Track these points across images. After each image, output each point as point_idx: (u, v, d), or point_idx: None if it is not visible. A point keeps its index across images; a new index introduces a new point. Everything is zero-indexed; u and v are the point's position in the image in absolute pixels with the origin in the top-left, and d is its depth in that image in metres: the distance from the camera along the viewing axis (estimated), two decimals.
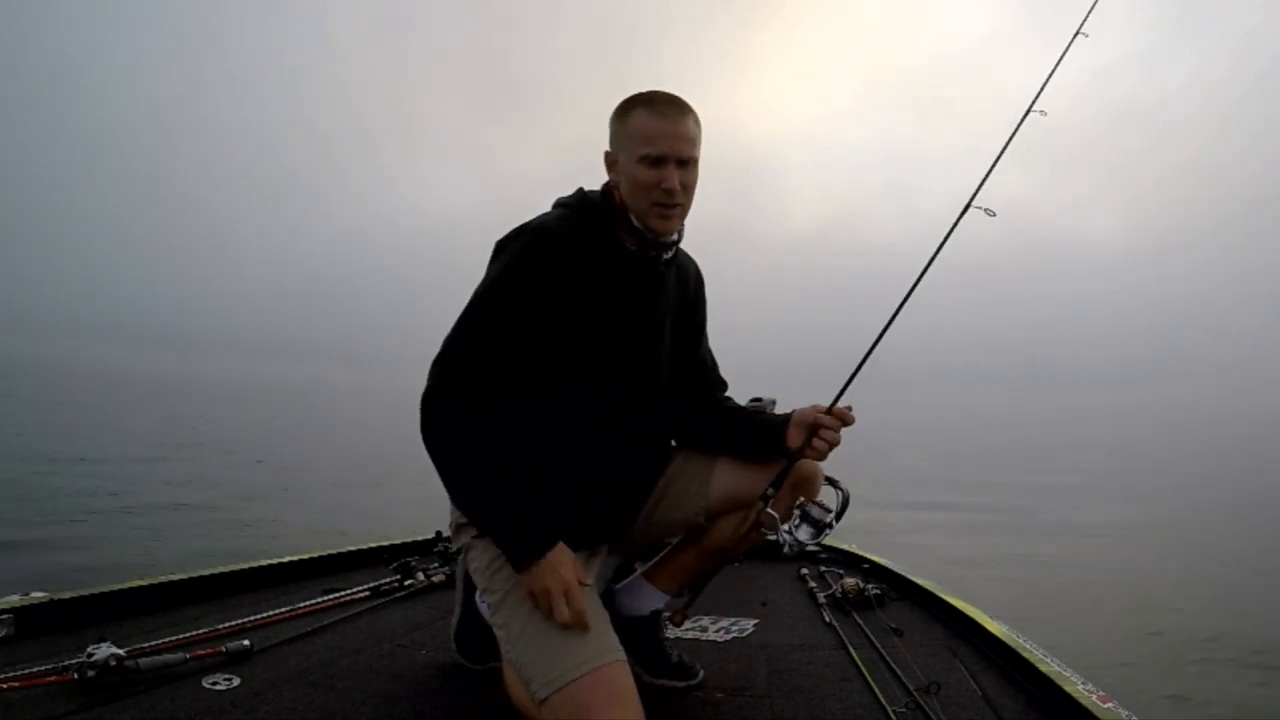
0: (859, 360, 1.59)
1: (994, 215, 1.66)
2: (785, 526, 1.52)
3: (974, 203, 1.68)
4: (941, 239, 1.65)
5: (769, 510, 1.55)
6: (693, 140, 1.46)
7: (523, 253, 1.41)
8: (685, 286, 1.66)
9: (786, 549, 1.49)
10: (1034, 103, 1.81)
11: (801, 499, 1.53)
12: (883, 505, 10.24)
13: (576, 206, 1.51)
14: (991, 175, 1.71)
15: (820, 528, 1.51)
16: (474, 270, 1.48)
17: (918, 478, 14.96)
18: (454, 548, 1.61)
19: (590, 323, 1.45)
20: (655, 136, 1.43)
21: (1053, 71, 1.85)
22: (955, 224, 1.67)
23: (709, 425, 1.69)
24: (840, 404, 1.56)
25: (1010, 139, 1.77)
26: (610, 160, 1.51)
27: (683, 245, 1.60)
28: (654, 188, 1.43)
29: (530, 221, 1.47)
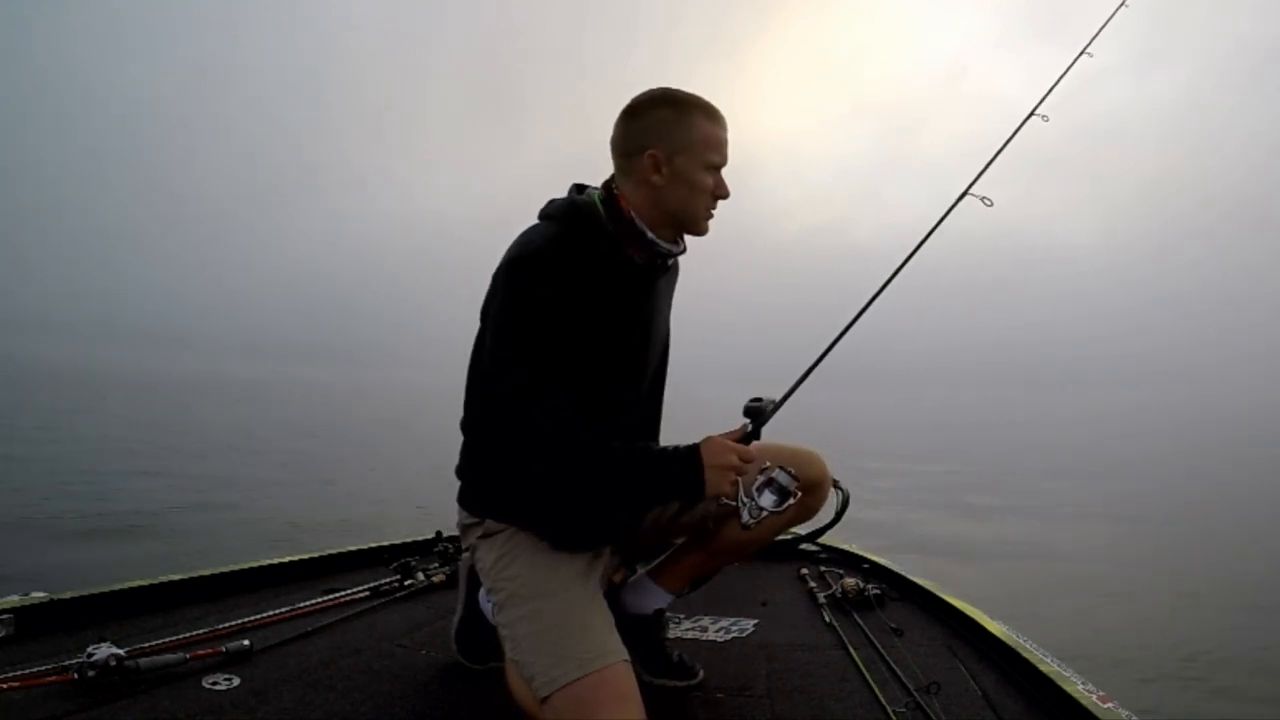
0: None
1: (991, 204, 1.66)
2: (746, 493, 1.43)
3: (971, 190, 1.68)
4: (935, 222, 1.66)
5: None
6: None
7: (522, 289, 1.36)
8: (672, 284, 1.65)
9: (747, 515, 1.42)
10: (1037, 106, 1.82)
11: (768, 463, 1.47)
12: (876, 504, 10.24)
13: (566, 220, 1.44)
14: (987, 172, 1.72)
15: (785, 495, 1.43)
16: (480, 269, 1.46)
17: (907, 476, 14.96)
18: (463, 545, 1.62)
19: (594, 340, 1.41)
20: (721, 145, 1.45)
21: (1056, 83, 1.88)
22: (951, 208, 1.68)
23: None
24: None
25: (1011, 137, 1.78)
26: (656, 161, 1.42)
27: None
28: (714, 194, 1.46)
29: (519, 249, 1.40)
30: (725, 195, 1.47)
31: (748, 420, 1.50)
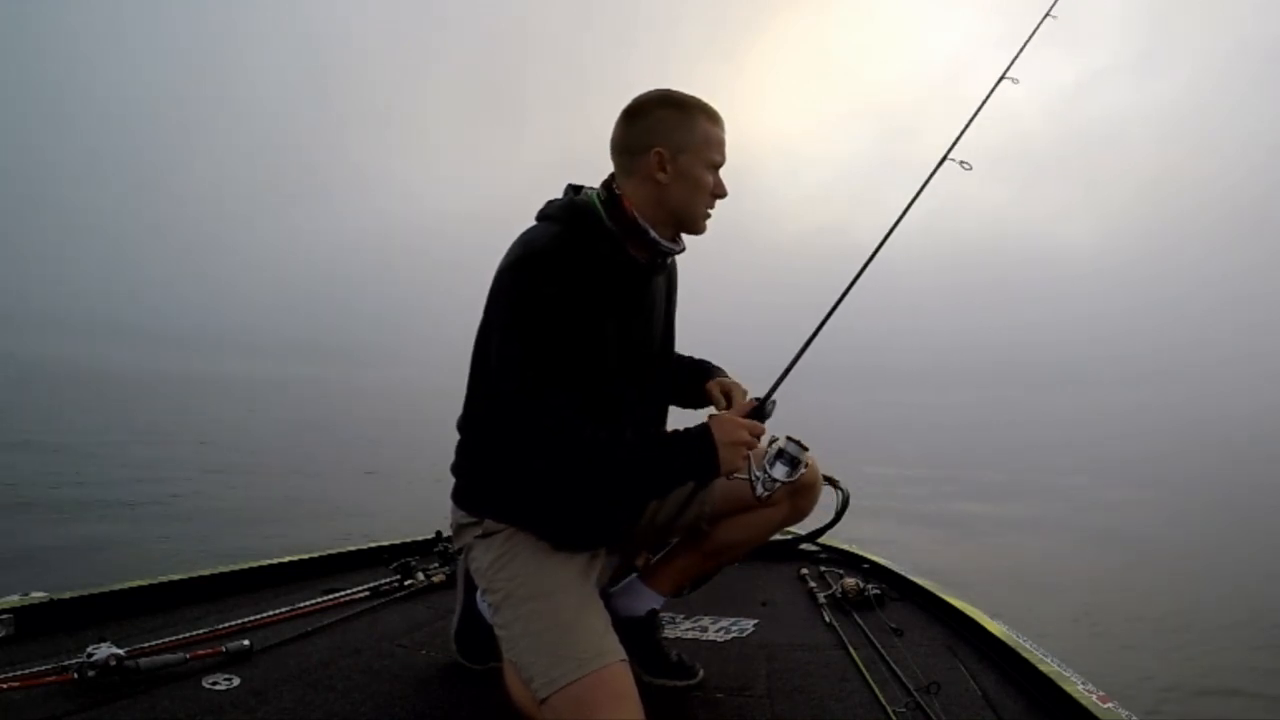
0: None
1: (970, 168, 1.72)
2: (758, 466, 1.45)
3: (950, 156, 1.73)
4: (918, 189, 1.71)
5: None
6: None
7: (526, 289, 1.35)
8: (670, 284, 1.65)
9: (761, 488, 1.44)
10: (1008, 70, 1.88)
11: (775, 436, 1.49)
12: (874, 506, 10.25)
13: (567, 220, 1.44)
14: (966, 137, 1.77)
15: (796, 465, 1.45)
16: (481, 268, 1.45)
17: (903, 477, 14.96)
18: (455, 547, 1.62)
19: (596, 339, 1.40)
20: (721, 145, 1.48)
21: (1024, 46, 1.93)
22: (931, 174, 1.72)
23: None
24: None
25: (985, 100, 1.83)
26: (661, 158, 1.43)
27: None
28: (714, 193, 1.49)
29: (523, 248, 1.40)
30: (723, 194, 1.50)
31: (755, 397, 1.52)
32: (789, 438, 1.48)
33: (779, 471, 1.45)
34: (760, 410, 1.48)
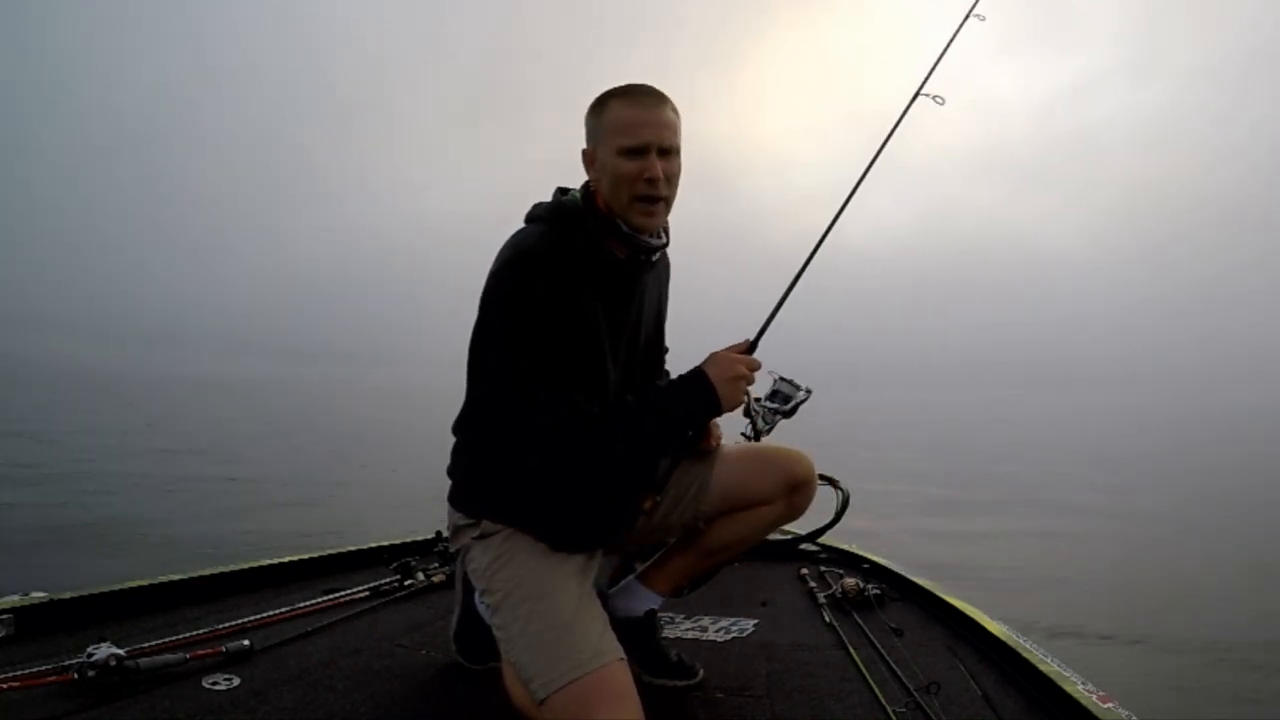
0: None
1: (943, 103, 1.77)
2: (757, 397, 1.50)
3: (923, 91, 1.77)
4: (894, 124, 1.75)
5: None
6: (674, 128, 1.41)
7: (516, 288, 1.36)
8: (660, 281, 1.65)
9: (761, 421, 1.49)
10: (973, 9, 1.93)
11: (770, 371, 1.54)
12: (875, 505, 10.25)
13: (552, 219, 1.45)
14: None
15: (790, 400, 1.50)
16: (483, 269, 1.45)
17: (903, 476, 14.97)
18: (453, 549, 1.62)
19: (582, 339, 1.41)
20: (634, 125, 1.37)
21: None
22: (906, 109, 1.77)
23: None
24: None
25: (955, 34, 1.88)
26: (588, 157, 1.45)
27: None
28: (636, 180, 1.37)
29: (511, 250, 1.41)
30: (654, 176, 1.38)
31: (746, 337, 1.53)
32: (782, 376, 1.53)
33: (774, 405, 1.51)
34: (753, 348, 1.51)
